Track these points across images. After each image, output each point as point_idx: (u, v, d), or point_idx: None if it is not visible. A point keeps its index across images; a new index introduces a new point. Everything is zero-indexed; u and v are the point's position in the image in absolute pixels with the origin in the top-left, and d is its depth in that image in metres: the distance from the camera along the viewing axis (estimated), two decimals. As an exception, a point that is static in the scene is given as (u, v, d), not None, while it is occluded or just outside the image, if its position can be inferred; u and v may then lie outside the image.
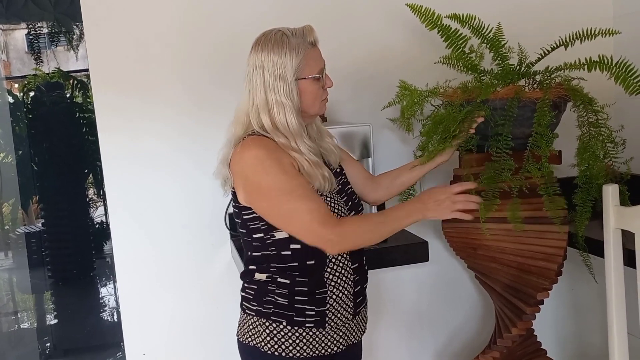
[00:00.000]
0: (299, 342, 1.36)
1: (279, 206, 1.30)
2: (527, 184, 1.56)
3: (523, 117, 1.55)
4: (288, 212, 1.29)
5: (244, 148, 1.31)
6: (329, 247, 1.30)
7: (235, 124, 1.39)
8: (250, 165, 1.31)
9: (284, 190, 1.28)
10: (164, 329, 2.01)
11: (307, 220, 1.28)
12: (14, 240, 3.70)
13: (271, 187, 1.29)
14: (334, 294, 1.38)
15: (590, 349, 2.26)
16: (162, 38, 1.91)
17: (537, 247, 1.68)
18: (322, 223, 1.27)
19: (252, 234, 1.38)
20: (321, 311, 1.37)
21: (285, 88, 1.32)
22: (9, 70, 3.84)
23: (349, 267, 1.40)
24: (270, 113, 1.33)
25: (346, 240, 1.31)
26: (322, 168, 1.36)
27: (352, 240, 1.32)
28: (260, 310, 1.38)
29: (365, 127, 1.76)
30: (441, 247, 2.15)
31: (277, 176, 1.28)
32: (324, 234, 1.27)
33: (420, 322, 2.25)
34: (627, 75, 1.43)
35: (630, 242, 1.49)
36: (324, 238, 1.28)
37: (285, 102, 1.32)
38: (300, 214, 1.28)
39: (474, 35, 1.68)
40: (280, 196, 1.29)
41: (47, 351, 3.49)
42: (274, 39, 1.34)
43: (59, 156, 3.40)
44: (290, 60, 1.32)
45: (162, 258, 1.98)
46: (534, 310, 1.70)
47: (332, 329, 1.38)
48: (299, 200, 1.28)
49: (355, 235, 1.32)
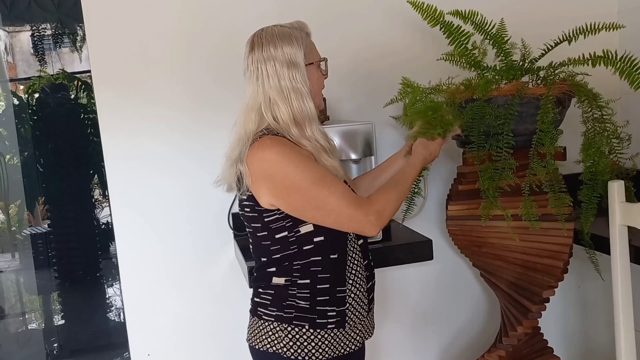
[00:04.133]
0: (321, 344, 1.35)
1: (313, 196, 1.28)
2: (536, 182, 1.55)
3: (527, 114, 1.54)
4: (323, 200, 1.28)
5: (263, 148, 1.29)
6: (368, 227, 1.30)
7: (245, 122, 1.36)
8: (275, 162, 1.29)
9: (315, 179, 1.28)
10: (168, 329, 2.01)
11: (344, 205, 1.28)
12: (21, 241, 3.71)
13: (302, 179, 1.28)
14: (352, 292, 1.38)
15: (597, 346, 2.25)
16: (163, 38, 1.90)
17: (542, 244, 1.67)
18: (357, 205, 1.29)
19: (275, 235, 1.35)
20: (341, 311, 1.37)
21: (300, 74, 1.33)
22: (15, 72, 3.85)
23: (361, 264, 1.40)
24: (288, 101, 1.32)
25: (383, 215, 1.31)
26: (335, 154, 1.38)
27: (388, 213, 1.33)
28: (280, 316, 1.35)
29: (368, 125, 1.75)
30: (446, 245, 2.14)
31: (305, 167, 1.28)
32: (362, 215, 1.28)
33: (425, 321, 2.25)
34: (632, 70, 1.42)
35: (636, 238, 1.49)
36: (364, 220, 1.29)
37: (302, 89, 1.32)
38: (335, 200, 1.28)
39: (476, 31, 1.67)
40: (313, 185, 1.28)
41: (54, 352, 3.50)
42: (277, 32, 1.34)
43: (64, 157, 3.40)
44: (299, 47, 1.33)
45: (165, 258, 1.98)
46: (539, 308, 1.69)
47: (350, 327, 1.39)
48: (331, 186, 1.28)
49: (388, 207, 1.33)
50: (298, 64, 1.33)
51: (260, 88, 1.33)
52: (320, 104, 1.43)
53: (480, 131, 1.55)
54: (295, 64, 1.32)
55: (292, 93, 1.32)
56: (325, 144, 1.35)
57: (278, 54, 1.32)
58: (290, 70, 1.32)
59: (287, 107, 1.32)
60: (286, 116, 1.32)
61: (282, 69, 1.32)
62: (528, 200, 1.55)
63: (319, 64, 1.40)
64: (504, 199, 1.60)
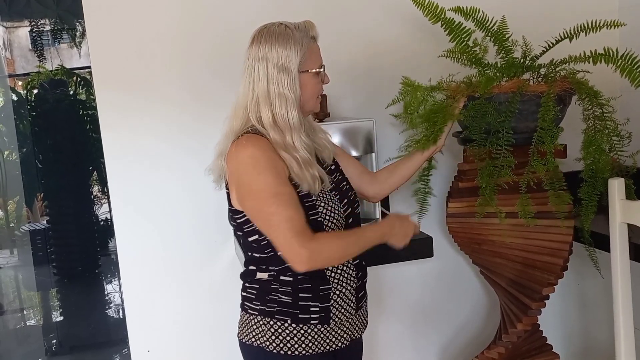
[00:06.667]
0: (304, 339, 1.35)
1: (263, 207, 1.27)
2: (534, 179, 1.55)
3: (528, 111, 1.54)
4: (269, 215, 1.26)
5: (240, 147, 1.29)
6: (297, 260, 1.24)
7: (234, 118, 1.37)
8: (244, 164, 1.29)
9: (271, 193, 1.26)
10: (168, 325, 2.01)
11: (285, 228, 1.24)
12: (19, 237, 3.71)
13: (260, 188, 1.27)
14: (337, 290, 1.37)
15: (596, 344, 2.25)
16: (164, 35, 1.90)
17: (542, 241, 1.68)
18: (297, 233, 1.24)
19: (248, 237, 1.36)
20: (325, 307, 1.36)
21: (289, 81, 1.30)
22: (13, 67, 3.84)
23: (350, 264, 1.40)
24: (272, 106, 1.30)
25: (318, 255, 1.26)
26: (313, 167, 1.33)
27: (323, 257, 1.28)
28: (263, 310, 1.37)
29: (368, 122, 1.75)
30: (446, 242, 2.14)
31: (268, 178, 1.26)
32: (297, 245, 1.23)
33: (425, 318, 2.25)
34: (633, 68, 1.42)
35: (636, 236, 1.49)
36: (296, 250, 1.24)
37: (288, 95, 1.30)
38: (279, 219, 1.25)
39: (477, 28, 1.67)
40: (267, 198, 1.26)
41: (53, 348, 3.50)
42: (278, 31, 1.31)
43: (63, 153, 3.40)
44: (295, 53, 1.31)
45: (165, 255, 1.98)
46: (539, 305, 1.70)
47: (336, 324, 1.38)
48: (282, 205, 1.25)
49: (327, 251, 1.28)
50: (290, 70, 1.30)
51: (250, 86, 1.33)
52: (313, 108, 1.41)
53: (482, 129, 1.55)
54: (286, 69, 1.30)
55: (277, 98, 1.30)
56: (305, 155, 1.32)
57: (272, 56, 1.30)
58: (280, 74, 1.30)
59: (269, 111, 1.31)
60: (267, 120, 1.31)
61: (272, 71, 1.30)
62: (524, 197, 1.55)
63: (317, 72, 1.36)
64: (503, 196, 1.60)
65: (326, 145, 1.45)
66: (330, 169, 1.44)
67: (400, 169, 1.60)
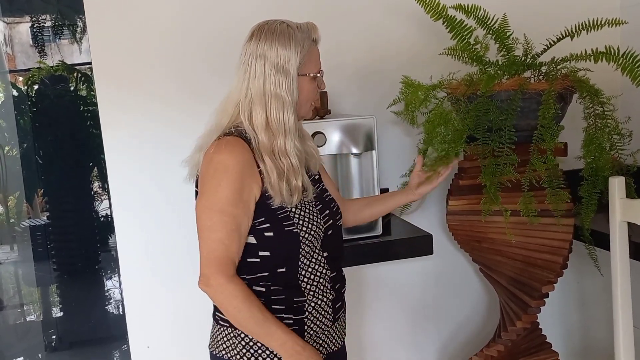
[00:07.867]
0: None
1: (206, 215, 1.23)
2: (536, 177, 1.55)
3: (529, 109, 1.54)
4: (206, 226, 1.23)
5: (218, 149, 1.23)
6: (202, 282, 1.23)
7: (221, 113, 1.30)
8: (213, 169, 1.23)
9: (220, 208, 1.21)
10: (168, 321, 2.01)
11: (212, 249, 1.21)
12: (19, 233, 3.72)
13: (213, 197, 1.22)
14: (312, 302, 1.30)
15: (596, 342, 2.26)
16: (165, 31, 1.89)
17: (542, 239, 1.68)
18: (218, 262, 1.21)
19: None
20: (299, 319, 1.28)
21: (287, 82, 1.24)
22: (14, 63, 3.84)
23: (327, 276, 1.32)
24: (266, 107, 1.24)
25: (220, 296, 1.23)
26: (298, 177, 1.26)
27: (223, 301, 1.23)
28: None
29: (369, 120, 1.75)
30: (446, 240, 2.14)
31: (226, 191, 1.21)
32: (211, 269, 1.21)
33: (425, 315, 2.25)
34: (634, 67, 1.42)
35: (636, 234, 1.49)
36: (206, 276, 1.22)
37: (285, 98, 1.24)
38: (211, 236, 1.22)
39: (479, 26, 1.67)
40: (212, 209, 1.22)
41: (53, 344, 3.51)
42: (279, 30, 1.25)
43: (63, 149, 3.40)
44: (295, 54, 1.24)
45: (165, 251, 1.97)
46: (538, 303, 1.70)
47: (311, 337, 1.30)
48: (220, 224, 1.21)
49: (230, 303, 1.22)
50: (288, 71, 1.24)
51: (245, 83, 1.26)
52: (306, 114, 1.35)
53: (484, 127, 1.55)
54: (285, 70, 1.24)
55: (273, 99, 1.24)
56: (295, 162, 1.26)
57: (271, 54, 1.24)
58: (278, 74, 1.24)
59: (263, 112, 1.25)
60: (259, 120, 1.25)
61: (270, 71, 1.24)
62: (527, 195, 1.55)
63: (314, 77, 1.30)
64: (504, 194, 1.60)
65: (314, 154, 1.39)
66: (314, 179, 1.37)
67: (374, 207, 1.56)
